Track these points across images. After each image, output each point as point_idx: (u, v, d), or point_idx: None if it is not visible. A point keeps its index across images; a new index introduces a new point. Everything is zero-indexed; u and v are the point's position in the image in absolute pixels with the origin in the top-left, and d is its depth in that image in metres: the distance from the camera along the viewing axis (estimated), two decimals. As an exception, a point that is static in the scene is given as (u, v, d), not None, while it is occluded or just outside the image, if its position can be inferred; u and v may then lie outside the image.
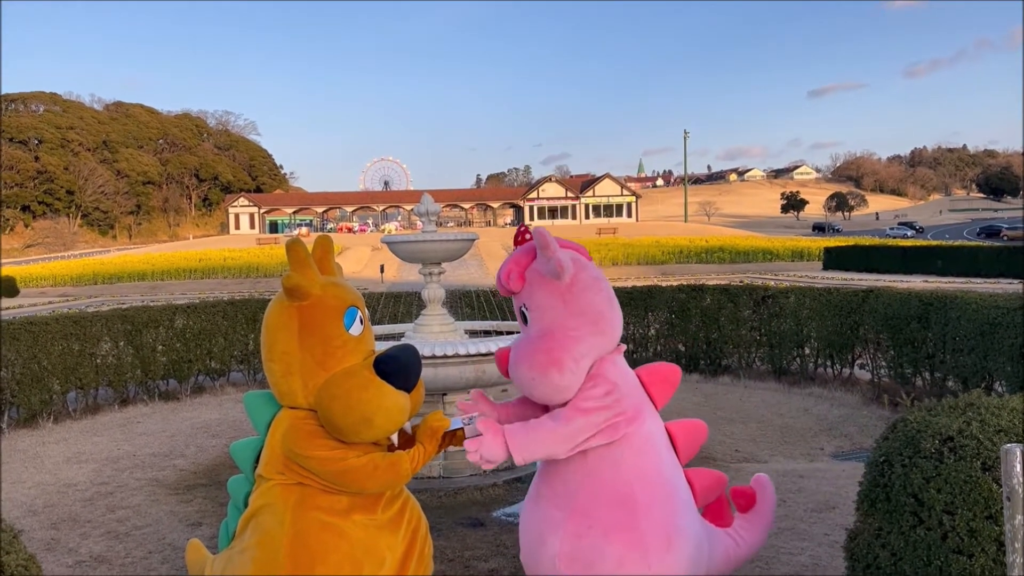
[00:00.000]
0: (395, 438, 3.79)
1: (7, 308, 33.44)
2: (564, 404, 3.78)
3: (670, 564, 3.68)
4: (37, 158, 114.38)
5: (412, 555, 3.73)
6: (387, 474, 3.52)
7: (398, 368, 3.60)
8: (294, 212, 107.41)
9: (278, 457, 3.60)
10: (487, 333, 9.37)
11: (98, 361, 11.21)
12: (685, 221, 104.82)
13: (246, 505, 3.76)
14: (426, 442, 3.71)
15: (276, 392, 3.73)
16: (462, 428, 3.81)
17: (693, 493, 3.97)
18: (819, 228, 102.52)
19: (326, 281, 3.72)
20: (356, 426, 3.49)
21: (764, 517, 4.33)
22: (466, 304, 16.00)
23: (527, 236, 4.04)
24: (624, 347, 4.04)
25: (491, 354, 7.29)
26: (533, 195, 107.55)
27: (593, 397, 3.70)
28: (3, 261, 72.12)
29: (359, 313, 3.75)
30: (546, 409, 3.86)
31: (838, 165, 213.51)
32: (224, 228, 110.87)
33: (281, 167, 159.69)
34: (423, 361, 7.11)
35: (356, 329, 3.69)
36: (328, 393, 3.53)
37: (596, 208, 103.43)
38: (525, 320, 3.96)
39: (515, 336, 8.24)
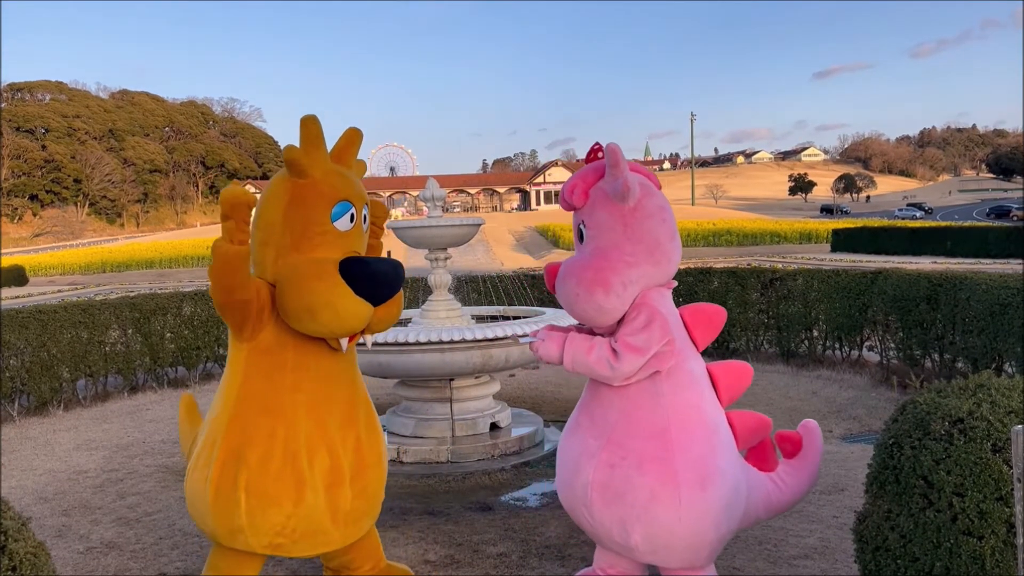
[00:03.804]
0: (344, 342, 3.71)
1: (17, 297, 33.61)
2: (606, 328, 3.75)
3: (703, 502, 3.59)
4: (44, 147, 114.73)
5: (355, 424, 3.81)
6: (217, 266, 3.46)
7: (363, 273, 3.53)
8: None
9: None
10: (494, 318, 9.36)
11: (107, 349, 11.26)
12: (692, 204, 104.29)
13: None
14: (227, 213, 3.51)
15: (253, 261, 3.70)
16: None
17: (734, 435, 3.86)
18: (827, 210, 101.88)
19: (332, 169, 3.67)
20: (299, 312, 3.48)
21: (810, 463, 4.17)
22: (473, 289, 15.98)
23: (599, 155, 3.90)
24: (675, 283, 3.95)
25: (498, 340, 7.26)
26: (539, 180, 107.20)
27: (638, 330, 3.63)
28: (13, 251, 72.42)
29: (352, 209, 3.68)
30: None
31: (846, 146, 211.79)
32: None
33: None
34: (429, 346, 7.15)
35: (343, 224, 3.65)
36: (285, 274, 3.53)
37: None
38: (581, 238, 3.89)
39: (522, 321, 8.23)
